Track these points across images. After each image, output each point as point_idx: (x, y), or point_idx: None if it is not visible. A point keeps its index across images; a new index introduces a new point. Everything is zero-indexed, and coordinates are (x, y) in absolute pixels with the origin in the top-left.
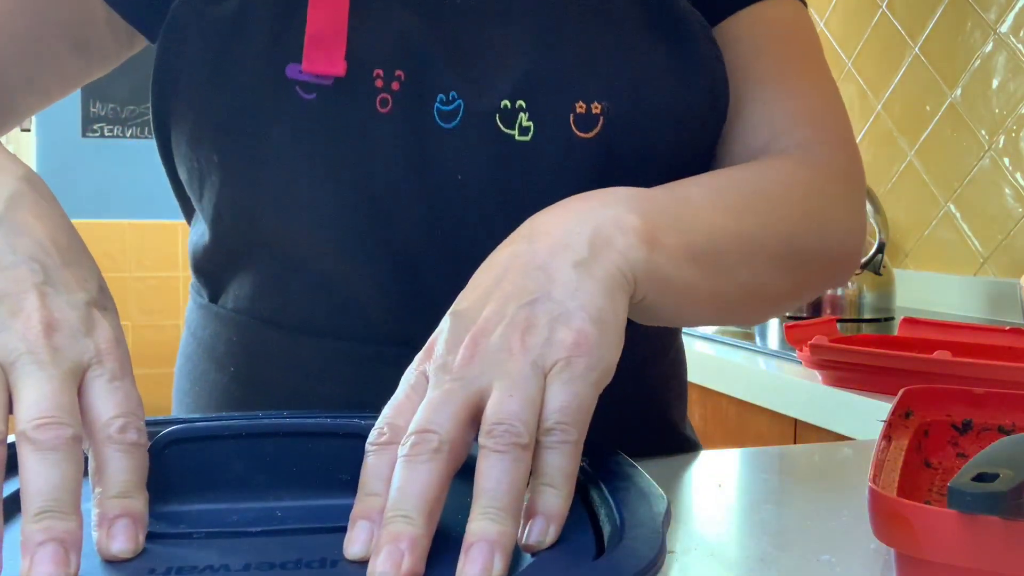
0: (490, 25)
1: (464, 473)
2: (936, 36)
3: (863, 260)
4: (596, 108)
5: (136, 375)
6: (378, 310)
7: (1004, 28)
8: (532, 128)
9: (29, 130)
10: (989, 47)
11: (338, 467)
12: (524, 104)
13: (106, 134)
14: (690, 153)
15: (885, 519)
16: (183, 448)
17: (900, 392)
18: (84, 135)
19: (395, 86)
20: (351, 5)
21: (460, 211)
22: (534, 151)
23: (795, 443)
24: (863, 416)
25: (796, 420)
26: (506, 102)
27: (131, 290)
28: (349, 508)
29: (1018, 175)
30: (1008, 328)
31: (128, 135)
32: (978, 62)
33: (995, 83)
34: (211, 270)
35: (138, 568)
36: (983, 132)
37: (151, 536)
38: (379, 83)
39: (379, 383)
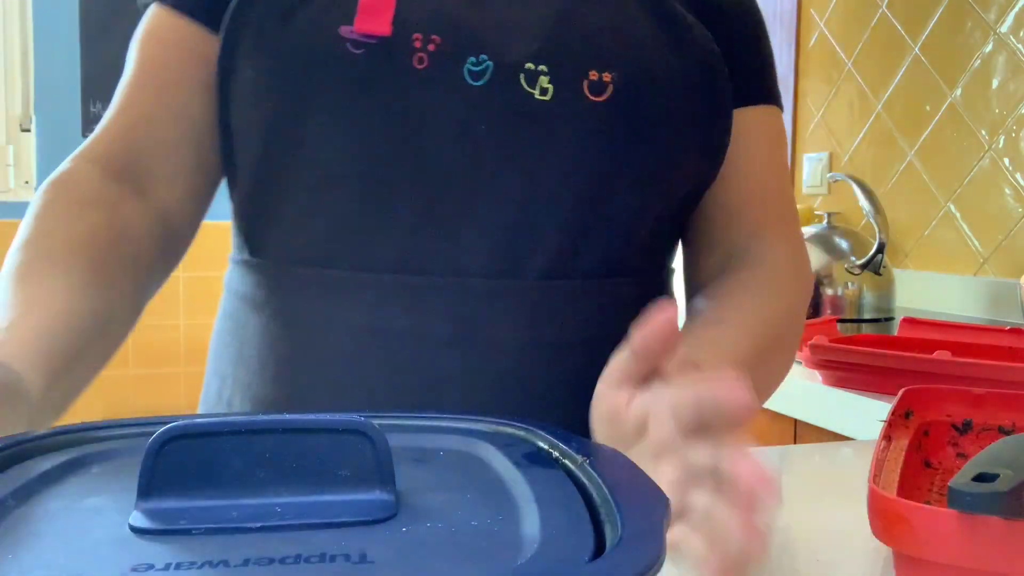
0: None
1: (464, 473)
2: (936, 36)
3: (863, 260)
4: (607, 77)
5: (136, 375)
6: (398, 243)
7: (1004, 28)
8: (551, 90)
9: (29, 130)
10: (989, 47)
11: (338, 463)
12: (546, 68)
13: None
14: (689, 117)
15: (885, 519)
16: (182, 444)
17: (900, 392)
18: (84, 135)
19: (431, 47)
20: None
21: (481, 158)
22: (551, 110)
23: (795, 443)
24: (863, 416)
25: (796, 420)
26: (530, 64)
27: None
28: (349, 504)
29: (1018, 175)
30: (1008, 328)
31: None
32: (978, 62)
33: (995, 83)
34: (251, 221)
35: (137, 565)
36: (983, 132)
37: (151, 533)
38: (417, 44)
39: (399, 307)
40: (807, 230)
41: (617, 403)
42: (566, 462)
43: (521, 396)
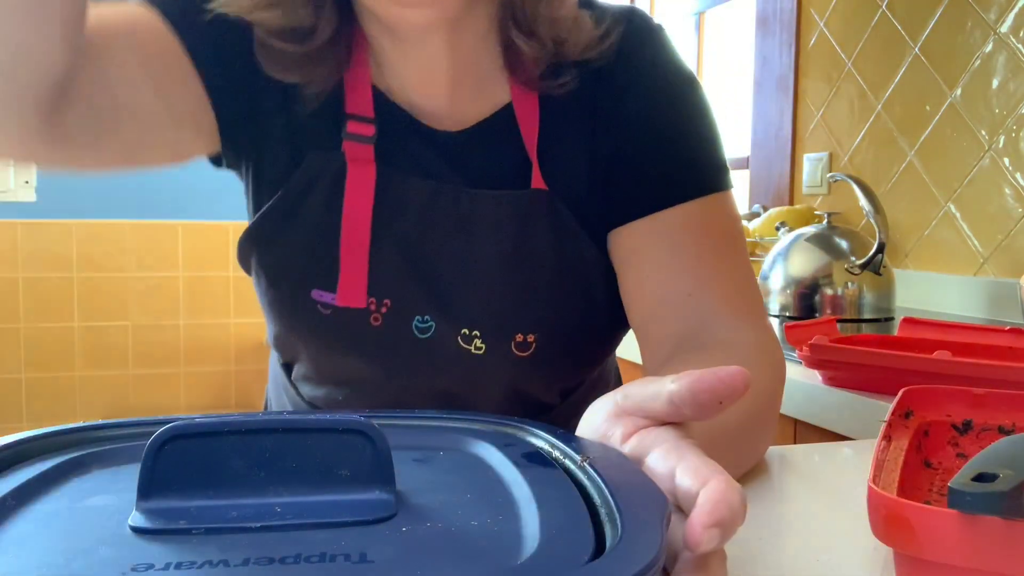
0: (455, 270)
1: (464, 473)
2: (936, 36)
3: (863, 260)
4: (531, 338)
5: (136, 375)
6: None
7: (1004, 28)
8: (484, 347)
9: None
10: (989, 47)
11: (338, 463)
12: (479, 333)
13: None
14: (597, 354)
15: (885, 519)
16: (182, 444)
17: (900, 392)
18: None
19: (384, 309)
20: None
21: (423, 396)
22: (483, 362)
23: (795, 443)
24: (863, 416)
25: (796, 420)
26: (465, 330)
27: (131, 290)
28: (348, 504)
29: (1018, 175)
30: (1008, 328)
31: None
32: (978, 62)
33: (995, 83)
34: (280, 344)
35: (137, 565)
36: (983, 132)
37: (151, 533)
38: (372, 307)
39: None
40: (807, 230)
41: (613, 432)
42: (566, 462)
43: None
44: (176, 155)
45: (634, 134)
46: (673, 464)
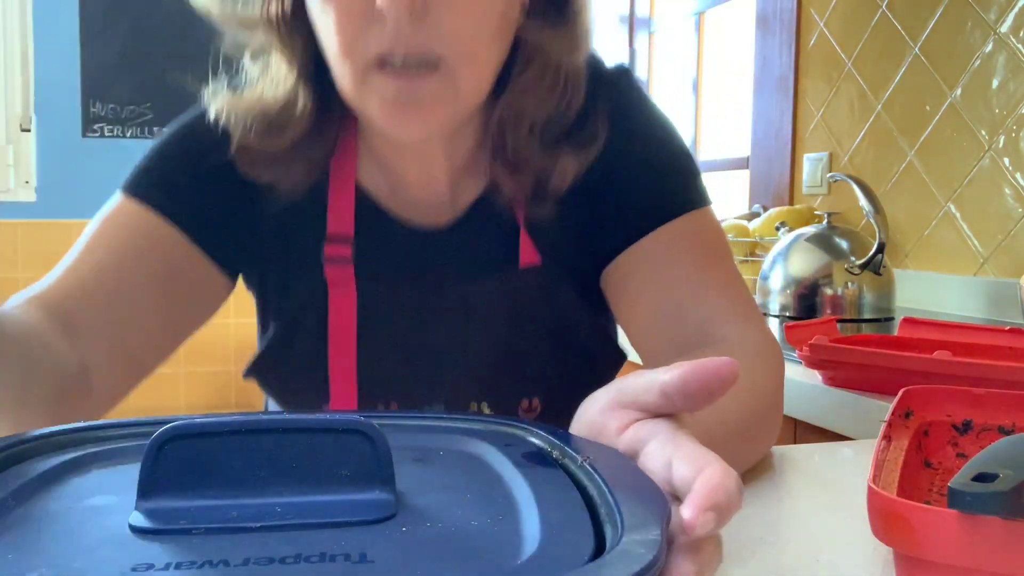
0: (454, 355)
1: (464, 473)
2: (936, 36)
3: (863, 260)
4: (536, 403)
5: None
6: None
7: (1004, 28)
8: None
9: (29, 130)
10: (989, 47)
11: (338, 463)
12: (487, 405)
13: (106, 134)
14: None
15: (885, 519)
16: (182, 444)
17: (900, 392)
18: (84, 135)
19: (393, 407)
20: (360, 351)
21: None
22: None
23: (795, 443)
24: (863, 416)
25: (796, 420)
26: (473, 403)
27: None
28: (349, 504)
29: (1018, 175)
30: (1008, 328)
31: (128, 135)
32: (978, 62)
33: (995, 83)
34: (262, 371)
35: (137, 565)
36: (983, 132)
37: (151, 533)
38: (381, 408)
39: None
40: (807, 230)
41: (608, 425)
42: (566, 462)
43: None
44: (202, 317)
45: (614, 165)
46: (669, 453)
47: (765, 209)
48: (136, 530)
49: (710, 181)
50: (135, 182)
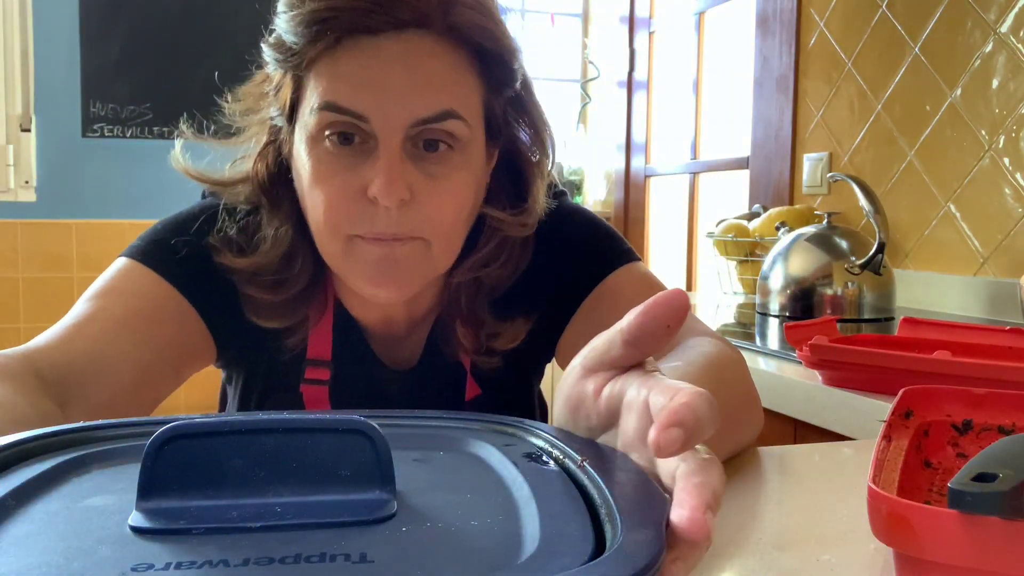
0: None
1: (464, 473)
2: (936, 36)
3: (863, 260)
4: None
5: None
6: None
7: (1004, 28)
8: None
9: (29, 130)
10: (989, 47)
11: (338, 463)
12: None
13: (106, 134)
14: None
15: (885, 519)
16: (182, 444)
17: (900, 392)
18: (84, 135)
19: None
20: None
21: None
22: None
23: (795, 443)
24: (863, 416)
25: (796, 420)
26: None
27: None
28: (349, 504)
29: (1018, 175)
30: (1008, 328)
31: (128, 135)
32: (978, 62)
33: (995, 83)
34: None
35: (137, 565)
36: (983, 132)
37: (151, 533)
38: None
39: None
40: (807, 230)
41: (585, 391)
42: (566, 462)
43: None
44: (182, 375)
45: (542, 267)
46: (647, 392)
47: (765, 209)
48: (136, 530)
49: (710, 181)
50: (147, 251)
